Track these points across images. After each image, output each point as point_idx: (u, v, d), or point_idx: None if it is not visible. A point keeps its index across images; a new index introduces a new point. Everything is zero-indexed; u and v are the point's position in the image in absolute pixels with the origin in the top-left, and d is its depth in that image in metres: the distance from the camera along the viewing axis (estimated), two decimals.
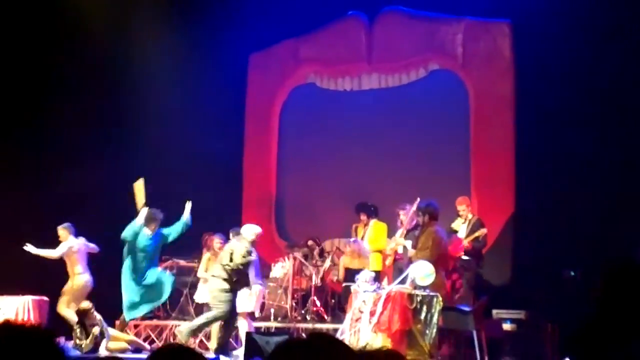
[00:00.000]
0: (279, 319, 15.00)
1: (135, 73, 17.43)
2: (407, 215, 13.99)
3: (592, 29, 14.70)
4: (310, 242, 15.98)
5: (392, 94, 17.59)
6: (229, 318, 13.07)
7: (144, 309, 14.60)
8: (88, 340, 13.24)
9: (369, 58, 17.58)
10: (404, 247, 13.90)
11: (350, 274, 13.58)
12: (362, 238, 14.82)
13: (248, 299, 13.52)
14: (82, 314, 13.44)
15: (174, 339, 13.87)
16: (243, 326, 13.45)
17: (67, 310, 14.18)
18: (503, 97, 16.08)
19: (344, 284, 14.25)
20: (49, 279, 14.96)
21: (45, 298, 15.09)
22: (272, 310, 15.06)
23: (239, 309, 13.39)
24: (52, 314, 14.99)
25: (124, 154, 17.39)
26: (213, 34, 17.50)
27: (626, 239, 12.61)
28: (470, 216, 13.98)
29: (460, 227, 13.78)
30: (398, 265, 13.97)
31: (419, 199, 13.56)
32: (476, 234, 13.65)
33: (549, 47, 15.12)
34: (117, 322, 14.62)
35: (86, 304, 13.54)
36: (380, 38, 17.48)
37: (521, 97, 15.84)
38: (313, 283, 15.11)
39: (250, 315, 13.80)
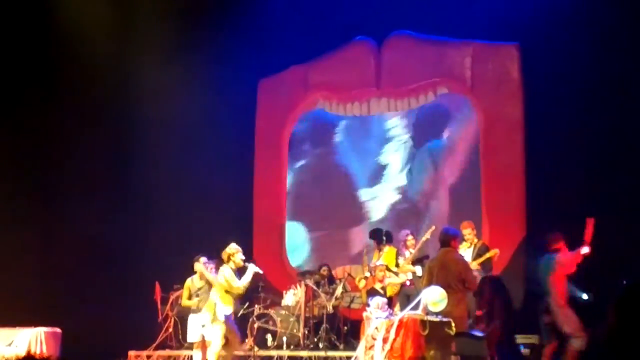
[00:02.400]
0: (292, 347, 14.93)
1: (142, 100, 17.49)
2: (416, 241, 14.06)
3: (600, 50, 14.68)
4: (323, 269, 15.93)
5: (402, 118, 17.57)
6: None
7: None
8: None
9: (378, 83, 17.59)
10: (414, 274, 13.90)
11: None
12: None
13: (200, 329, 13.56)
14: None
15: None
16: (197, 357, 13.55)
17: None
18: (513, 119, 16.05)
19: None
20: (60, 310, 14.94)
21: (58, 330, 15.05)
22: (285, 339, 14.99)
23: (193, 339, 13.60)
24: (65, 345, 14.98)
25: (132, 180, 17.44)
26: (222, 60, 17.55)
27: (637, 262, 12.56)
28: (475, 240, 13.93)
29: (466, 251, 13.71)
30: (405, 292, 13.92)
31: (434, 227, 13.56)
32: (488, 255, 13.59)
33: (557, 69, 15.09)
34: None
35: None
36: (388, 63, 17.49)
37: (531, 120, 15.80)
38: (325, 310, 15.04)
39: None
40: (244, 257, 13.07)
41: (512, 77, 16.22)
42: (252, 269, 12.86)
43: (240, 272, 12.91)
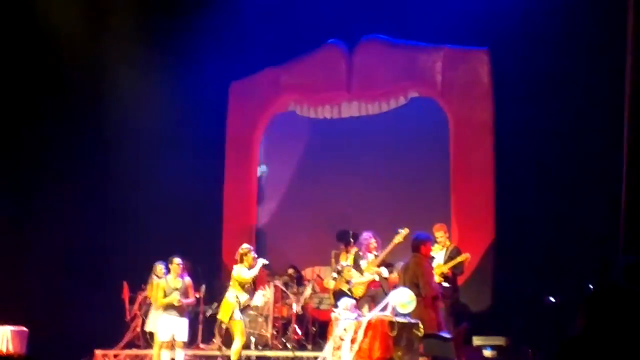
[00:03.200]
0: (260, 347, 14.92)
1: (111, 102, 17.45)
2: (379, 244, 14.08)
3: (569, 55, 14.81)
4: (290, 270, 15.95)
5: (372, 121, 17.62)
6: None
7: None
8: None
9: (349, 86, 17.63)
10: (380, 275, 13.94)
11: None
12: None
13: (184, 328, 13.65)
14: None
15: None
16: (180, 357, 13.64)
17: None
18: (482, 123, 16.13)
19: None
20: (27, 308, 14.86)
21: (24, 328, 14.96)
22: (253, 339, 14.98)
23: (177, 338, 13.68)
24: (32, 344, 14.91)
25: (102, 181, 17.40)
26: (193, 62, 17.53)
27: (606, 265, 12.65)
28: (448, 243, 13.98)
29: (438, 253, 13.75)
30: (370, 293, 13.95)
31: (407, 230, 13.60)
32: (459, 259, 13.65)
33: (526, 74, 15.19)
34: None
35: None
36: (360, 66, 17.54)
37: (500, 124, 15.90)
38: (294, 311, 15.05)
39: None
40: (256, 256, 13.73)
41: (481, 81, 16.30)
42: (261, 261, 13.61)
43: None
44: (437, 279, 13.33)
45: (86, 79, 17.49)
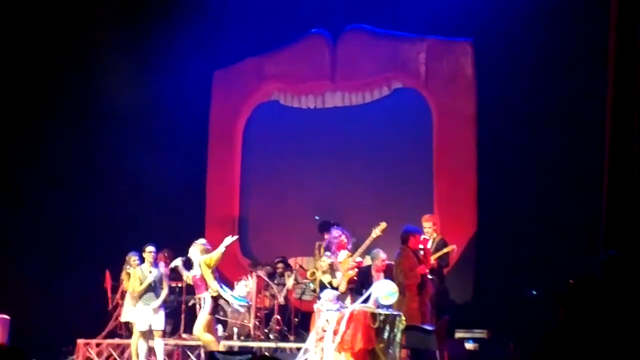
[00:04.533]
0: (242, 337, 14.94)
1: (93, 92, 17.37)
2: (348, 240, 14.04)
3: (553, 47, 14.86)
4: (280, 265, 15.92)
5: (356, 111, 17.62)
6: None
7: None
8: None
9: (333, 76, 17.63)
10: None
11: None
12: None
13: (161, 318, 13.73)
14: None
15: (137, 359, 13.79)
16: (159, 345, 13.66)
17: None
18: (465, 115, 16.16)
19: None
20: (9, 296, 14.83)
21: (6, 317, 14.93)
22: (235, 329, 15.00)
23: (154, 327, 13.68)
24: (14, 333, 14.88)
25: (85, 169, 17.35)
26: (176, 51, 17.46)
27: (587, 258, 12.71)
28: (435, 235, 14.01)
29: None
30: (350, 287, 13.91)
31: (384, 224, 13.61)
32: (445, 250, 13.70)
33: (510, 66, 15.23)
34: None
35: None
36: (343, 56, 17.54)
37: (483, 116, 15.94)
38: (276, 302, 15.07)
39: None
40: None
41: (465, 73, 16.33)
42: (227, 240, 13.37)
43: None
44: None
45: (69, 69, 17.40)
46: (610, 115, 12.82)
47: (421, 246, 13.16)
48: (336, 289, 13.29)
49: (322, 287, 13.58)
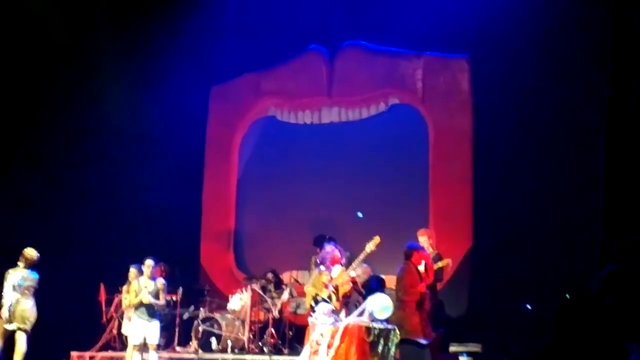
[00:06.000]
0: (236, 350, 14.88)
1: (91, 106, 17.38)
2: (342, 255, 14.03)
3: (548, 63, 14.92)
4: (270, 275, 15.93)
5: (352, 127, 17.65)
6: None
7: None
8: None
9: (330, 92, 17.68)
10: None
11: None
12: None
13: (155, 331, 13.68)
14: None
15: None
16: (154, 359, 13.60)
17: None
18: (461, 131, 16.22)
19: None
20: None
21: None
22: (229, 342, 14.96)
23: (149, 341, 13.58)
24: (7, 345, 14.81)
25: (80, 182, 17.36)
26: (174, 66, 17.48)
27: (582, 273, 12.72)
28: (430, 250, 13.99)
29: None
30: (345, 302, 13.87)
31: (378, 238, 13.62)
32: (440, 264, 13.69)
33: (506, 82, 15.28)
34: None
35: None
36: (340, 72, 17.59)
37: (479, 131, 15.99)
38: (271, 315, 15.05)
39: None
40: None
41: (461, 89, 16.40)
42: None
43: None
44: None
45: (65, 85, 17.42)
46: (607, 131, 12.90)
47: (423, 262, 13.25)
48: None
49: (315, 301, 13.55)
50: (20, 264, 13.81)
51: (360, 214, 15.82)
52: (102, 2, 17.73)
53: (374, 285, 13.32)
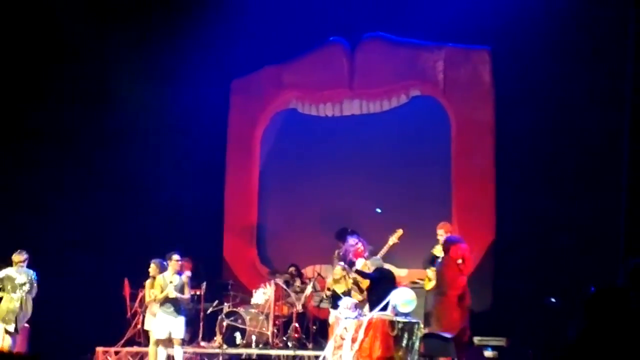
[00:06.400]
0: (260, 345, 14.92)
1: (113, 100, 17.41)
2: (365, 248, 14.06)
3: (571, 54, 14.84)
4: (291, 269, 15.95)
5: (374, 120, 17.63)
6: None
7: None
8: None
9: (351, 84, 17.64)
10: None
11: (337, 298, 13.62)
12: None
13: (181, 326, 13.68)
14: None
15: None
16: (179, 354, 13.58)
17: None
18: (483, 122, 16.16)
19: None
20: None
21: (26, 325, 14.98)
22: (254, 337, 14.99)
23: (174, 335, 13.57)
24: (33, 341, 14.94)
25: (104, 177, 17.42)
26: (195, 60, 17.50)
27: (606, 265, 12.69)
28: None
29: (441, 253, 13.74)
30: None
31: (401, 231, 13.64)
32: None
33: (528, 73, 15.22)
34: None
35: None
36: (361, 64, 17.55)
37: (501, 123, 15.93)
38: (295, 309, 15.07)
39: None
40: None
41: (483, 80, 16.33)
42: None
43: None
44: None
45: (88, 76, 17.47)
46: (630, 122, 12.83)
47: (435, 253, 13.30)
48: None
49: (335, 296, 13.56)
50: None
51: (378, 210, 15.81)
52: None
53: (372, 275, 13.42)
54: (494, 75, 16.19)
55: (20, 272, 14.32)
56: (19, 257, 14.41)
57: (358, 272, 13.76)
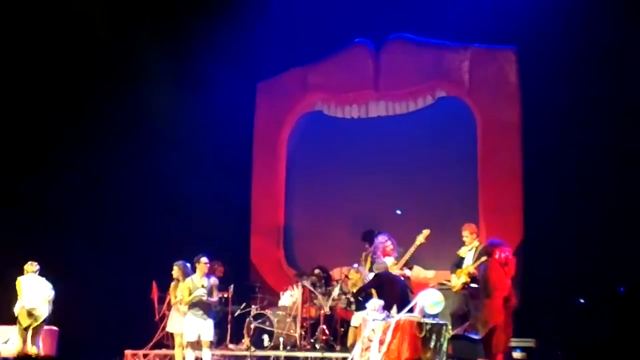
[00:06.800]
0: (288, 347, 14.93)
1: (140, 104, 17.47)
2: (394, 247, 14.06)
3: (598, 53, 14.76)
4: (317, 271, 15.94)
5: (399, 121, 17.60)
6: None
7: None
8: None
9: (376, 85, 17.63)
10: (404, 276, 13.91)
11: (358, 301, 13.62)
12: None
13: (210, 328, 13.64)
14: None
15: None
16: (207, 356, 13.55)
17: None
18: (510, 123, 16.10)
19: None
20: (57, 308, 14.93)
21: (55, 328, 15.06)
22: (281, 339, 14.99)
23: (203, 338, 13.51)
24: (62, 344, 15.01)
25: (131, 179, 17.48)
26: (221, 63, 17.52)
27: (637, 265, 12.60)
28: (476, 243, 13.88)
29: (467, 254, 13.71)
30: None
31: (428, 231, 13.62)
32: (484, 258, 13.58)
33: (554, 73, 15.15)
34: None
35: None
36: (387, 65, 17.55)
37: (528, 123, 15.86)
38: (322, 311, 15.05)
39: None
40: None
41: (509, 80, 16.27)
42: None
43: None
44: (464, 279, 13.36)
45: (116, 79, 17.55)
46: None
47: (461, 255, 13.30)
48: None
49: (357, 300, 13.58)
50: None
51: (398, 212, 15.81)
52: (145, 3, 17.78)
53: (371, 285, 13.42)
54: (520, 74, 16.11)
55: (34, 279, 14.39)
56: (31, 267, 14.51)
57: (355, 294, 13.82)
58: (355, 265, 13.93)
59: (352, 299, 14.58)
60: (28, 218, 16.96)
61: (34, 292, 14.17)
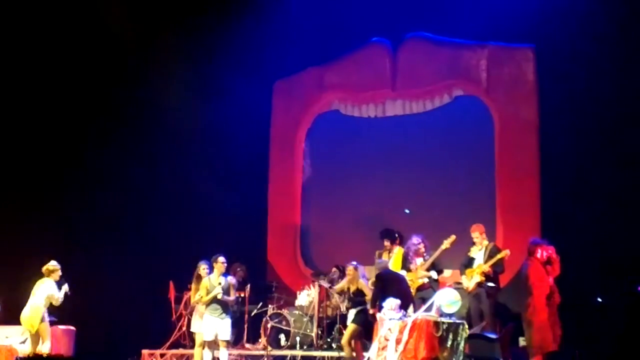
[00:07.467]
0: (305, 347, 14.94)
1: (158, 104, 17.48)
2: (426, 248, 14.04)
3: (615, 52, 14.68)
4: (333, 270, 15.91)
5: (417, 120, 17.56)
6: None
7: None
8: None
9: (393, 85, 17.61)
10: (429, 278, 13.87)
11: None
12: None
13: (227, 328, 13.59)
14: None
15: None
16: (224, 356, 13.49)
17: None
18: (527, 121, 16.06)
19: None
20: (75, 307, 14.96)
21: (72, 327, 15.09)
22: (298, 339, 15.00)
23: (220, 337, 13.45)
24: (79, 343, 15.04)
25: (149, 180, 17.51)
26: (238, 62, 17.56)
27: None
28: (485, 242, 13.82)
29: (477, 254, 13.67)
30: (419, 294, 13.81)
31: (454, 237, 13.60)
32: (499, 256, 13.50)
33: (572, 72, 15.09)
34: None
35: None
36: (404, 64, 17.52)
37: (545, 122, 15.80)
38: (339, 311, 15.02)
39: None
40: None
41: (527, 79, 16.23)
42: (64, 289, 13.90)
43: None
44: (478, 278, 13.32)
45: (132, 80, 17.56)
46: None
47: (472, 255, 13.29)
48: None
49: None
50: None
51: (407, 211, 15.78)
52: (164, 4, 17.80)
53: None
54: (538, 73, 16.05)
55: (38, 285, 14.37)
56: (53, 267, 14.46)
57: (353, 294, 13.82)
58: (354, 263, 13.85)
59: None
60: (49, 218, 16.98)
61: (31, 299, 14.08)
